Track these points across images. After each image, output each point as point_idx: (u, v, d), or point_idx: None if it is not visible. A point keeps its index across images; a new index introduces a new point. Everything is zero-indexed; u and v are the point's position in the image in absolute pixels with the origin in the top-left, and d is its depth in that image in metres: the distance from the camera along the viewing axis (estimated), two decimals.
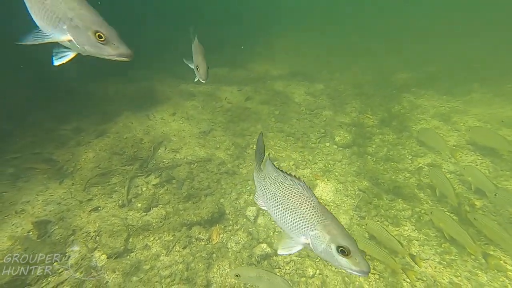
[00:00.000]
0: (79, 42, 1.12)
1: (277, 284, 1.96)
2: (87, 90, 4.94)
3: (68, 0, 1.09)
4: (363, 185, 3.45)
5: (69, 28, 1.10)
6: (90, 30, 1.09)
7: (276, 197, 1.21)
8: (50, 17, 1.11)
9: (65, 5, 1.09)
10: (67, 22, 1.10)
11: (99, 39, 1.10)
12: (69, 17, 1.09)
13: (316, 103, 5.38)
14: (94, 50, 1.14)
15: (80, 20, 1.09)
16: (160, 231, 2.71)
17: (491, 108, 4.95)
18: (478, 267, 2.43)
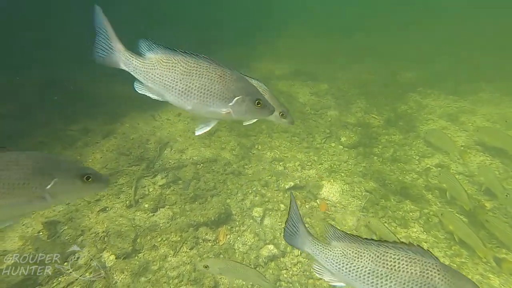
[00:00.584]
0: (237, 113, 1.23)
1: (247, 275, 1.95)
2: (95, 90, 4.99)
3: (236, 80, 1.19)
4: (370, 186, 3.42)
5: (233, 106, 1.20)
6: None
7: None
8: (218, 99, 1.19)
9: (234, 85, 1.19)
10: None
11: (258, 105, 1.22)
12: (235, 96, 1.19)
13: (320, 103, 5.35)
14: (252, 116, 1.29)
15: (246, 95, 1.19)
16: (167, 232, 2.73)
17: (499, 107, 4.87)
18: (490, 270, 2.39)
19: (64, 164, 1.05)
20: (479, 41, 7.79)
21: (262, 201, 3.18)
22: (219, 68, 1.16)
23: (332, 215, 3.07)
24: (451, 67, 6.74)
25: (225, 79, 1.15)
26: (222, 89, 1.15)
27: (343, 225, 2.94)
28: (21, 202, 0.96)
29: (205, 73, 1.14)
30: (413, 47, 8.24)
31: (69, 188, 1.03)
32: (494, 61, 6.55)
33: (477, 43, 7.72)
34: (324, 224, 1.18)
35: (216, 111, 1.19)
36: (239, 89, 1.17)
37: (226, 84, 1.16)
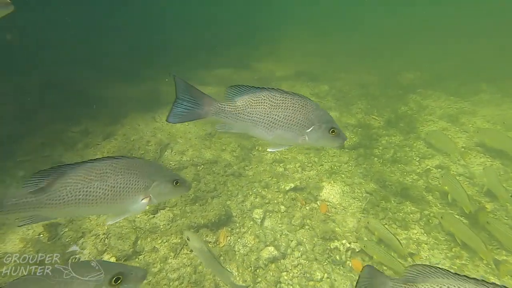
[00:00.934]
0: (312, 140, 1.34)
1: (212, 264, 1.99)
2: (96, 92, 5.00)
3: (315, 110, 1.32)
4: (370, 187, 3.42)
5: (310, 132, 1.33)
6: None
7: None
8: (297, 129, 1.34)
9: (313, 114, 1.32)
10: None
11: (332, 133, 1.34)
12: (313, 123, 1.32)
13: (321, 104, 5.35)
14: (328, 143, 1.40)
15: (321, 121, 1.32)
16: (167, 234, 2.73)
17: (500, 109, 4.86)
18: (491, 272, 2.39)
19: (161, 171, 1.26)
20: (480, 42, 7.78)
21: (262, 203, 3.18)
22: (301, 99, 1.30)
23: (332, 216, 3.07)
24: (452, 68, 6.74)
25: (306, 108, 1.29)
26: (303, 118, 1.28)
27: (344, 227, 2.94)
28: (131, 200, 1.17)
29: (289, 105, 1.28)
30: (414, 48, 8.24)
31: (164, 190, 1.24)
32: (496, 61, 6.55)
33: (479, 44, 7.72)
34: None
35: (293, 138, 1.32)
36: (317, 118, 1.29)
37: (307, 114, 1.28)
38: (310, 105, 1.30)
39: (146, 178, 1.19)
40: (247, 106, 1.29)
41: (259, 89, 1.31)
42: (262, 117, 1.28)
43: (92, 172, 1.13)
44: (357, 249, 2.69)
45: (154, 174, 1.22)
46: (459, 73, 6.32)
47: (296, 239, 2.80)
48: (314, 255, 2.66)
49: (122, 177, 1.15)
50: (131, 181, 1.16)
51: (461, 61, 7.01)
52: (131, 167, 1.18)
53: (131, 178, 1.16)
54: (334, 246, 2.73)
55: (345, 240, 2.77)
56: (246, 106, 1.29)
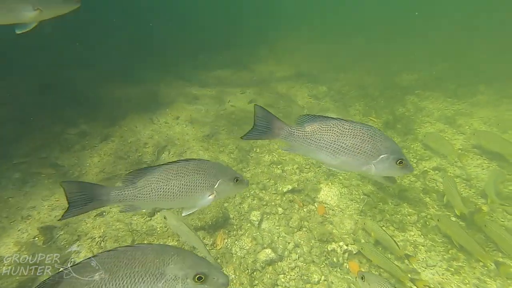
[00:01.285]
0: (379, 170, 1.39)
1: (191, 239, 2.10)
2: (93, 94, 4.98)
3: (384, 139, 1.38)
4: (368, 189, 3.42)
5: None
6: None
7: None
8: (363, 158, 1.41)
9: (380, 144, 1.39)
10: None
11: (399, 164, 1.37)
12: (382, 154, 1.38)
13: (319, 106, 5.36)
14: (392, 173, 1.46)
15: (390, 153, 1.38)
16: (164, 236, 2.72)
17: (497, 110, 4.88)
18: (487, 274, 2.39)
19: (224, 170, 1.44)
20: (478, 44, 7.83)
21: (260, 205, 3.17)
22: (370, 129, 1.35)
23: (330, 218, 3.07)
24: (450, 69, 6.77)
25: (375, 139, 1.33)
26: (371, 148, 1.33)
27: (341, 229, 2.94)
28: (200, 196, 1.39)
29: (358, 134, 1.33)
30: (413, 50, 8.28)
31: (226, 187, 1.41)
32: (493, 63, 6.58)
33: (477, 46, 7.76)
34: None
35: (358, 166, 1.36)
36: (385, 148, 1.33)
37: (375, 144, 1.33)
38: (379, 135, 1.34)
39: (212, 177, 1.39)
40: (316, 132, 1.38)
41: (329, 118, 1.39)
42: (329, 143, 1.36)
43: (170, 172, 1.35)
44: (354, 251, 2.69)
45: (219, 173, 1.41)
46: (457, 74, 6.35)
47: (293, 241, 2.79)
48: (311, 257, 2.66)
49: (193, 176, 1.36)
50: (200, 180, 1.37)
51: (459, 63, 7.05)
52: (200, 168, 1.39)
53: (200, 178, 1.37)
54: (332, 248, 2.73)
55: (343, 242, 2.77)
56: (314, 132, 1.39)
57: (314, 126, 1.39)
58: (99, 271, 0.95)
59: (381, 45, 8.93)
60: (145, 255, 1.00)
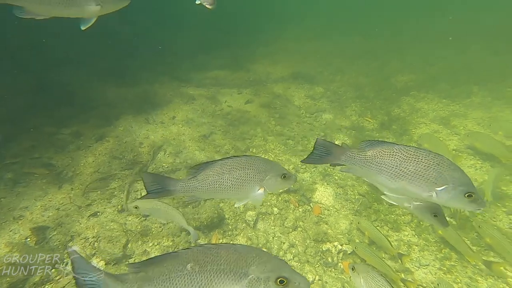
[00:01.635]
0: (442, 199, 1.36)
1: (171, 214, 2.17)
2: (88, 94, 4.95)
3: None
4: (363, 189, 3.45)
5: None
6: None
7: None
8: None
9: None
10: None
11: (468, 197, 1.33)
12: None
13: (316, 106, 5.39)
14: None
15: None
16: (159, 237, 2.70)
17: (490, 111, 4.96)
18: (478, 273, 2.42)
19: (273, 166, 1.53)
20: (473, 46, 7.93)
21: (255, 205, 3.17)
22: (436, 156, 1.31)
23: (325, 218, 3.08)
24: (445, 71, 6.84)
25: (441, 166, 1.29)
26: (435, 175, 1.29)
27: (336, 229, 2.95)
28: (250, 190, 1.50)
29: (422, 160, 1.30)
30: (410, 51, 8.36)
31: (275, 182, 1.50)
32: (487, 65, 6.68)
33: (472, 48, 7.86)
34: None
35: (419, 192, 1.33)
36: (452, 178, 1.28)
37: (441, 171, 1.29)
38: (446, 164, 1.30)
39: (262, 172, 1.50)
40: (377, 156, 1.40)
41: (393, 144, 1.40)
42: (390, 167, 1.36)
43: (224, 167, 1.48)
44: (349, 251, 2.70)
45: (268, 169, 1.51)
46: (452, 76, 6.43)
47: (288, 241, 2.80)
48: (306, 257, 2.66)
49: (243, 171, 1.47)
50: (250, 174, 1.48)
51: (454, 64, 7.13)
52: (250, 163, 1.50)
53: (250, 172, 1.48)
54: (326, 248, 2.74)
55: (337, 242, 2.78)
56: (376, 156, 1.41)
57: (376, 151, 1.41)
58: (190, 262, 1.04)
59: (378, 46, 9.01)
60: (229, 254, 1.05)
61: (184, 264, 1.03)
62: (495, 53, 7.17)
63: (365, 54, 8.33)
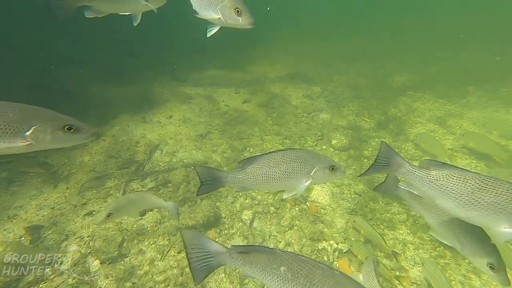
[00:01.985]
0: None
1: (147, 199, 2.08)
2: (85, 92, 4.92)
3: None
4: (360, 188, 3.46)
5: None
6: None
7: None
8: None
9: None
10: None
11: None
12: None
13: (313, 106, 5.40)
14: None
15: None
16: (155, 236, 2.70)
17: (486, 111, 5.00)
18: (472, 271, 2.44)
19: (321, 159, 1.57)
20: (470, 47, 7.99)
21: (252, 204, 3.18)
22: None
23: (321, 217, 3.09)
24: (442, 71, 6.89)
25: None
26: None
27: (332, 227, 2.97)
28: (297, 181, 1.58)
29: (504, 192, 1.22)
30: (407, 52, 8.40)
31: (323, 174, 1.57)
32: (483, 66, 6.73)
33: (468, 49, 7.92)
34: None
35: (493, 223, 1.26)
36: None
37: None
38: None
39: (309, 165, 1.55)
40: (444, 179, 1.33)
41: (463, 170, 1.33)
42: (461, 194, 1.28)
43: (271, 160, 1.55)
44: (344, 249, 2.71)
45: (315, 161, 1.56)
46: (449, 76, 6.47)
47: (284, 240, 2.80)
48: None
49: (290, 164, 1.54)
50: (297, 167, 1.54)
51: (451, 65, 7.18)
52: (297, 156, 1.55)
53: (297, 165, 1.54)
54: (322, 247, 2.75)
55: (333, 241, 2.79)
56: (442, 178, 1.33)
57: (442, 173, 1.34)
58: (284, 266, 1.07)
59: (376, 47, 9.05)
60: (325, 277, 1.02)
61: (279, 264, 1.08)
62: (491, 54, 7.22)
63: (363, 55, 8.36)
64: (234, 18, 1.78)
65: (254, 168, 1.56)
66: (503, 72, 6.13)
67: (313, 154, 1.60)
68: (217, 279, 2.39)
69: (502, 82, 5.80)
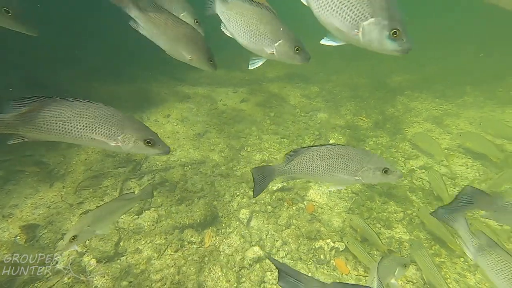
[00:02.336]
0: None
1: (118, 209, 1.89)
2: (82, 91, 4.90)
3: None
4: (356, 187, 3.47)
5: None
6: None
7: None
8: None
9: None
10: None
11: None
12: None
13: (311, 105, 5.41)
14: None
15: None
16: (151, 234, 2.69)
17: (482, 111, 5.03)
18: (467, 269, 2.46)
19: (372, 159, 1.57)
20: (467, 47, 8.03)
21: (249, 203, 3.18)
22: None
23: (318, 216, 3.10)
24: (439, 71, 6.93)
25: None
26: None
27: (329, 226, 2.97)
28: (343, 178, 1.62)
29: None
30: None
31: (372, 175, 1.58)
32: (481, 66, 6.77)
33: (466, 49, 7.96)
34: None
35: None
36: None
37: None
38: None
39: (356, 163, 1.55)
40: None
41: None
42: None
43: (317, 153, 1.61)
44: (341, 248, 2.72)
45: (365, 161, 1.54)
46: (446, 76, 6.50)
47: (281, 239, 2.81)
48: (298, 254, 2.68)
49: (336, 159, 1.57)
50: (343, 163, 1.56)
51: (448, 65, 7.22)
52: (344, 153, 1.57)
53: (343, 161, 1.56)
54: (319, 246, 2.75)
55: (330, 239, 2.80)
56: None
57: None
58: None
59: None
60: None
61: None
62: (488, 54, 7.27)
63: (361, 55, 8.37)
64: (291, 55, 1.79)
65: (300, 160, 1.62)
66: (500, 72, 6.17)
67: (366, 153, 1.58)
68: (214, 278, 2.39)
69: (498, 82, 5.84)
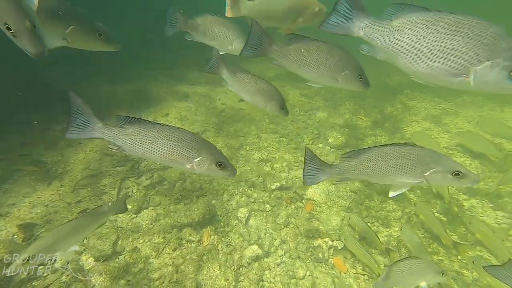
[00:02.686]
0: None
1: (88, 225, 1.73)
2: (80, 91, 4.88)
3: None
4: (355, 186, 3.48)
5: None
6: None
7: None
8: None
9: None
10: None
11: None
12: None
13: (310, 104, 5.41)
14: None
15: None
16: (150, 233, 2.69)
17: (481, 110, 5.05)
18: (465, 267, 2.47)
19: (441, 159, 1.47)
20: None
21: (248, 202, 3.18)
22: None
23: (317, 215, 3.10)
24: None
25: None
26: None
27: (328, 225, 2.98)
28: (406, 179, 1.53)
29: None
30: None
31: (441, 178, 1.46)
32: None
33: None
34: None
35: None
36: None
37: None
38: None
39: (423, 164, 1.46)
40: None
41: None
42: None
43: (380, 154, 1.55)
44: (339, 246, 2.72)
45: (434, 162, 1.45)
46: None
47: (280, 238, 2.81)
48: (297, 253, 2.68)
49: (400, 160, 1.50)
50: (407, 164, 1.49)
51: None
52: (410, 153, 1.50)
53: (409, 162, 1.49)
54: (317, 244, 2.76)
55: (328, 238, 2.80)
56: None
57: None
58: None
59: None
60: None
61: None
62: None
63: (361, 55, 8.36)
64: (355, 83, 1.81)
65: (361, 160, 1.59)
66: None
67: (435, 154, 1.47)
68: (212, 276, 2.39)
69: None
